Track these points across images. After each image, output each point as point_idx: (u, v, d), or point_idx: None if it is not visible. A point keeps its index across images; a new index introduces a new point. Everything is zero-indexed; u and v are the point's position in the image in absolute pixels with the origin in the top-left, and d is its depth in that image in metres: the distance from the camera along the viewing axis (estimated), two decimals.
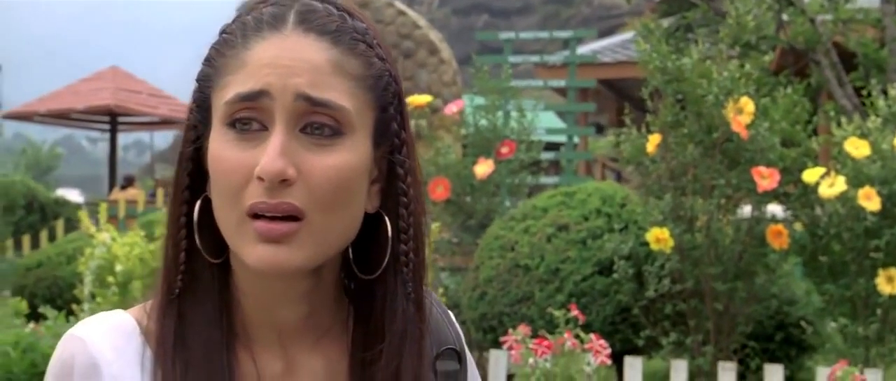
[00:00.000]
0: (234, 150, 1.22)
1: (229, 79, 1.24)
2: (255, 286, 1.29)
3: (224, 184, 1.22)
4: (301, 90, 1.21)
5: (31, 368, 3.95)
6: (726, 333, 7.20)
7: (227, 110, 1.22)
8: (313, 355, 1.34)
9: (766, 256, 7.16)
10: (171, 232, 1.32)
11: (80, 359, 1.29)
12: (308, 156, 1.21)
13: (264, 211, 1.20)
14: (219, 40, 1.29)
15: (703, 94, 6.70)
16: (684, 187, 7.04)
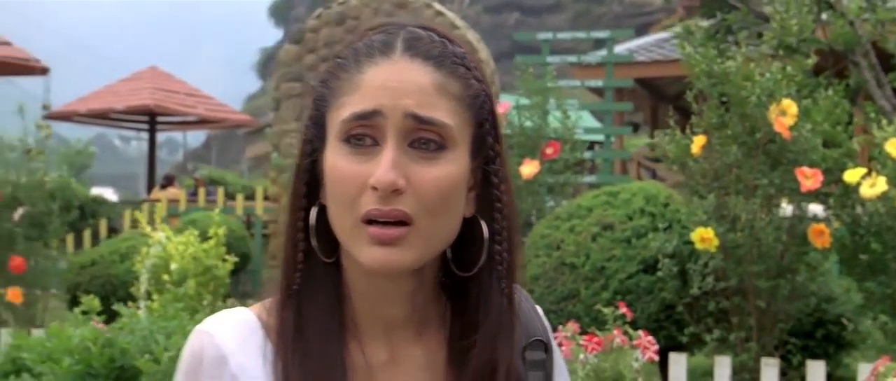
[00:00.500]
0: (349, 163, 1.39)
1: (344, 99, 1.42)
2: (364, 284, 1.47)
3: (341, 193, 1.40)
4: (410, 110, 1.39)
5: (109, 363, 4.12)
6: (769, 330, 7.34)
7: (344, 128, 1.40)
8: (415, 346, 1.51)
9: (808, 254, 7.29)
10: (289, 235, 1.50)
11: (208, 351, 1.47)
12: (416, 168, 1.38)
13: (378, 217, 1.37)
14: (332, 64, 1.47)
15: (747, 96, 6.84)
16: (727, 187, 7.19)
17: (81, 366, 4.06)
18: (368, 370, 1.47)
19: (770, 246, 7.12)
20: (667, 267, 7.37)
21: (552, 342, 1.62)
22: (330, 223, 1.45)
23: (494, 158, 1.49)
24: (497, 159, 1.49)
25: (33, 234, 8.77)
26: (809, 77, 7.49)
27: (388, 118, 1.39)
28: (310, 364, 1.44)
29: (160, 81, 23.39)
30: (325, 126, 1.45)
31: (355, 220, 1.39)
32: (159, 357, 4.00)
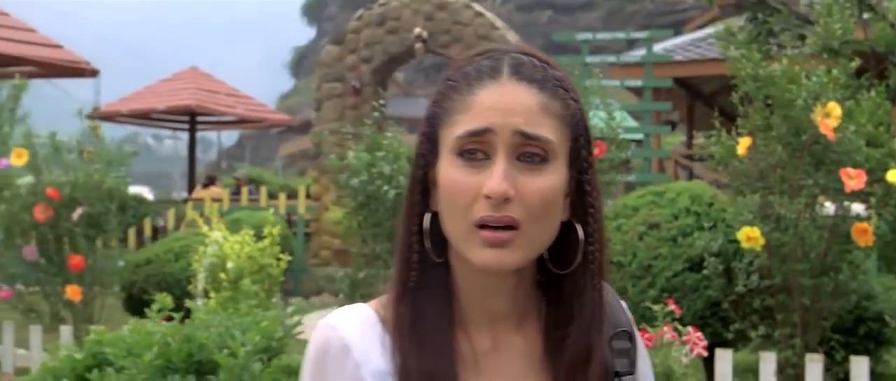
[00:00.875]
0: (463, 174, 1.57)
1: (458, 118, 1.60)
2: (472, 281, 1.65)
3: (455, 201, 1.58)
4: (518, 128, 1.56)
5: (188, 357, 4.31)
6: (812, 327, 7.48)
7: (458, 143, 1.58)
8: (515, 335, 1.68)
9: (851, 252, 7.42)
10: (404, 238, 1.68)
11: (334, 342, 1.66)
12: (523, 179, 1.56)
13: (490, 222, 1.55)
14: (444, 86, 1.65)
15: (793, 99, 6.99)
16: (772, 187, 7.32)
17: (161, 360, 4.25)
18: (474, 357, 1.65)
19: (814, 245, 7.27)
20: (712, 265, 7.52)
21: (635, 332, 1.79)
22: (442, 228, 1.63)
23: (587, 168, 1.66)
24: (589, 170, 1.67)
25: (92, 233, 8.98)
26: (852, 79, 7.60)
27: (499, 135, 1.56)
28: (424, 353, 1.62)
29: (201, 81, 23.65)
30: (437, 141, 1.63)
31: (469, 225, 1.57)
32: (236, 352, 4.19)
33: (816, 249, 7.28)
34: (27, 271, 9.15)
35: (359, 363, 1.64)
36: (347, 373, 1.64)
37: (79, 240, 8.87)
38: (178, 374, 4.14)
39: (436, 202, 1.64)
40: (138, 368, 4.15)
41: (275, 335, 4.52)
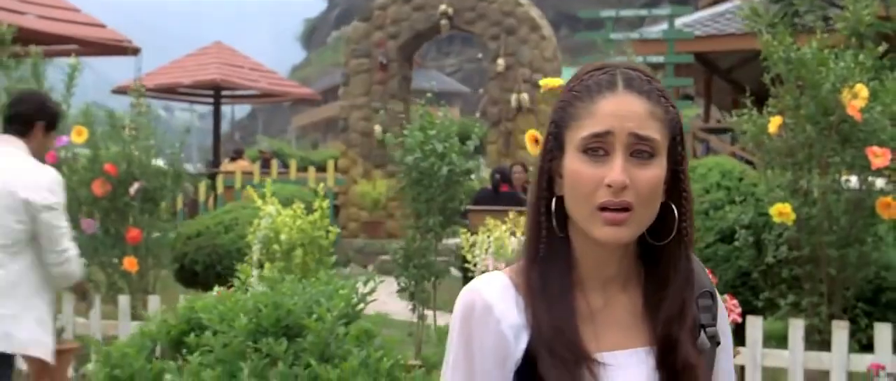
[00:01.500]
0: (588, 167, 1.97)
1: (582, 122, 1.99)
2: (589, 252, 2.05)
3: (581, 188, 1.98)
4: (632, 130, 1.96)
5: (276, 322, 4.72)
6: (838, 295, 7.89)
7: (583, 142, 1.98)
8: (622, 295, 2.09)
9: (875, 225, 7.82)
10: (533, 218, 2.09)
11: (478, 303, 2.06)
12: (635, 171, 1.96)
13: (610, 206, 1.95)
14: (569, 96, 2.05)
15: (822, 81, 7.38)
16: (801, 164, 7.73)
17: (253, 325, 4.67)
18: (591, 313, 2.05)
19: (840, 218, 7.67)
20: (743, 237, 7.94)
21: (716, 293, 2.20)
22: (566, 209, 2.03)
23: (681, 161, 2.07)
24: (683, 161, 2.08)
25: (148, 208, 9.39)
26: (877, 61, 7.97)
27: (617, 136, 1.96)
28: (552, 310, 2.02)
29: (225, 56, 24.08)
30: (563, 140, 2.03)
31: (592, 208, 1.97)
32: (323, 317, 4.60)
33: (842, 222, 7.68)
34: (85, 244, 9.55)
35: (499, 319, 2.03)
36: (490, 328, 2.04)
37: (136, 214, 9.29)
38: (269, 337, 4.54)
39: (560, 189, 2.04)
40: (235, 331, 4.55)
41: (352, 303, 4.93)
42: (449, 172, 8.00)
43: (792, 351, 7.50)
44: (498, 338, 2.02)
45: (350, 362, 4.42)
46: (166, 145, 9.91)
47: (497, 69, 17.33)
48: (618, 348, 2.04)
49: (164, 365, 4.68)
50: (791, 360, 7.49)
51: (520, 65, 17.22)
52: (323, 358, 4.50)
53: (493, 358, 2.02)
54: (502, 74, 17.26)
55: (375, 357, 4.53)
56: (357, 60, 18.25)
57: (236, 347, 4.51)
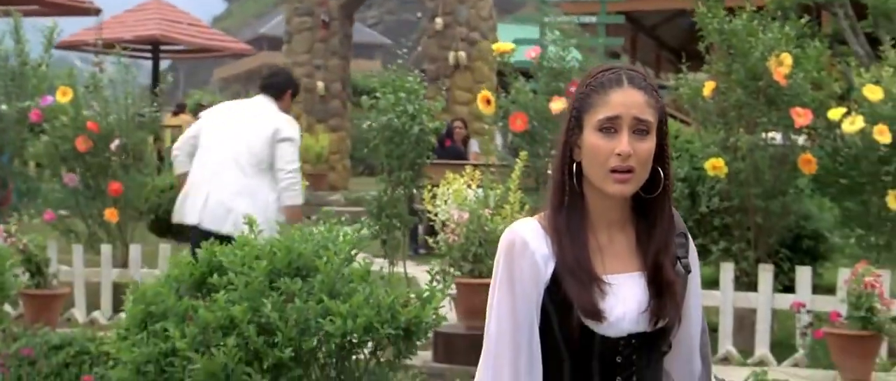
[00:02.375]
0: (602, 141, 2.71)
1: (598, 109, 2.71)
2: (598, 203, 2.79)
3: (597, 157, 2.72)
4: (635, 115, 2.70)
5: (289, 265, 5.42)
6: (764, 242, 8.79)
7: (598, 123, 2.72)
8: (621, 235, 2.82)
9: (797, 179, 8.72)
10: (558, 179, 2.83)
11: (517, 241, 2.81)
12: (636, 144, 2.70)
13: (619, 169, 2.70)
14: (587, 88, 2.77)
15: (751, 50, 8.24)
16: (732, 123, 8.60)
17: (270, 267, 5.40)
18: (599, 247, 2.78)
19: (765, 172, 8.56)
20: (679, 190, 8.82)
21: (688, 234, 2.98)
22: (584, 172, 2.78)
23: (665, 136, 2.84)
24: (666, 137, 2.84)
25: (128, 162, 10.03)
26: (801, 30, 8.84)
27: (624, 119, 2.71)
28: (572, 245, 2.76)
29: (164, 11, 24.43)
30: (582, 121, 2.77)
31: (605, 171, 2.71)
32: (330, 259, 5.34)
33: (767, 176, 8.57)
34: (67, 197, 10.19)
35: (534, 251, 2.76)
36: (527, 257, 2.77)
37: (116, 169, 9.94)
38: (285, 277, 5.27)
39: (578, 155, 2.80)
40: (256, 273, 5.28)
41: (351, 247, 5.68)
42: (419, 131, 8.78)
43: (723, 292, 8.44)
44: (532, 265, 2.74)
45: (356, 297, 5.16)
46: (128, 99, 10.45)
47: (435, 28, 18.00)
48: (619, 271, 2.77)
49: (193, 302, 5.39)
50: (722, 299, 8.43)
51: (457, 24, 17.91)
52: (331, 295, 5.22)
53: (529, 280, 2.74)
54: (440, 32, 17.93)
55: (377, 293, 5.29)
56: (299, 19, 18.87)
57: (257, 286, 5.22)
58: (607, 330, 2.68)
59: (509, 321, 2.72)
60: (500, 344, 2.73)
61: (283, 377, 5.15)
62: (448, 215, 7.98)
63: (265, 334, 5.10)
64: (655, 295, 2.74)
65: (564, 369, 2.72)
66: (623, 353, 2.72)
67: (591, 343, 2.70)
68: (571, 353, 2.71)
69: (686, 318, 2.84)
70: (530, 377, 2.71)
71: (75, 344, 8.37)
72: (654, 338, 2.77)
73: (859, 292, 7.06)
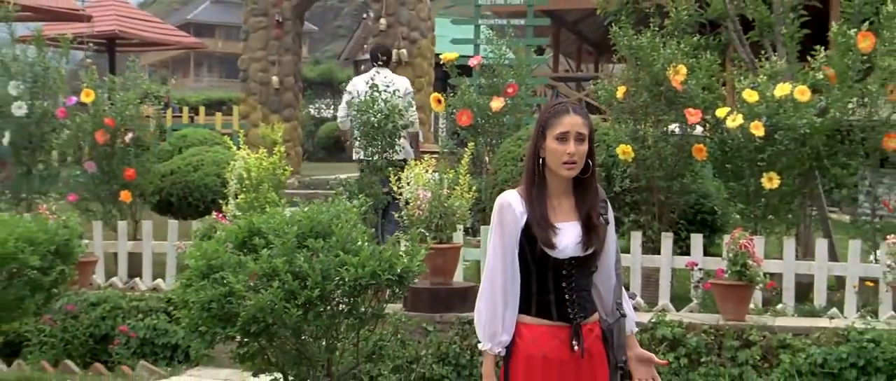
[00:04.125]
0: (558, 146, 4.60)
1: (556, 127, 4.60)
2: (554, 181, 4.69)
3: (555, 155, 4.62)
4: (577, 131, 4.61)
5: (311, 229, 7.32)
6: (666, 215, 10.86)
7: (556, 136, 4.61)
8: (566, 200, 4.70)
9: (692, 164, 10.79)
10: (530, 166, 4.78)
11: (505, 203, 4.67)
12: (578, 147, 4.58)
13: (568, 161, 4.60)
14: (548, 114, 4.70)
15: (654, 61, 10.31)
16: (639, 119, 10.67)
17: (298, 230, 7.31)
18: (553, 207, 4.66)
19: (667, 158, 10.62)
20: (598, 173, 10.82)
21: (607, 201, 4.95)
22: (546, 163, 4.66)
23: (593, 141, 4.78)
24: (593, 142, 4.80)
25: (138, 152, 11.89)
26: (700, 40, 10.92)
27: (571, 133, 4.59)
28: (537, 206, 4.65)
29: (120, 9, 26.07)
30: (545, 133, 4.67)
31: (560, 163, 4.57)
32: (344, 225, 7.28)
33: (669, 161, 10.64)
34: (87, 181, 12.01)
35: (514, 209, 4.63)
36: (511, 212, 4.61)
37: (130, 157, 11.80)
38: (310, 238, 7.19)
39: (542, 153, 4.66)
40: (288, 235, 7.19)
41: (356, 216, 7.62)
42: (392, 127, 10.79)
43: (633, 255, 10.42)
44: (514, 217, 4.59)
45: (363, 252, 7.08)
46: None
47: (380, 28, 19.75)
48: (564, 221, 4.61)
49: (242, 258, 7.28)
50: (632, 261, 10.40)
51: (399, 24, 19.67)
52: (345, 251, 7.14)
53: (512, 225, 4.59)
54: (384, 31, 19.67)
55: (379, 249, 7.23)
56: (256, 18, 20.60)
57: (290, 245, 7.11)
58: (558, 254, 4.53)
59: (500, 250, 4.56)
60: (494, 263, 4.53)
61: (311, 311, 6.99)
62: (413, 194, 9.88)
63: (298, 279, 6.90)
64: (586, 234, 4.58)
65: (532, 277, 4.56)
66: (567, 268, 4.56)
67: (548, 262, 4.54)
68: (536, 267, 4.56)
69: (606, 251, 4.71)
70: (513, 283, 4.53)
71: (110, 301, 10.25)
72: (586, 260, 4.61)
73: (736, 251, 9.11)
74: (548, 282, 4.55)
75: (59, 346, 10.04)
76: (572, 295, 4.54)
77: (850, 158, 10.35)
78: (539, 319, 4.54)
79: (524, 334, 4.52)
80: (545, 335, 4.52)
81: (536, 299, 4.56)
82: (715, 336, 9.02)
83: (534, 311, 4.55)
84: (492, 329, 4.51)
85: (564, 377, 4.51)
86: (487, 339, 4.53)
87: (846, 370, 8.59)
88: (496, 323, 4.51)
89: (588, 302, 4.64)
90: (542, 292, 4.55)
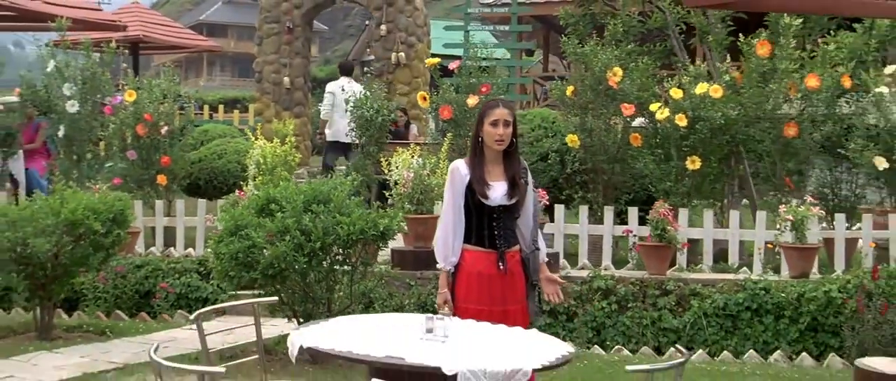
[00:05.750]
0: (492, 129, 6.68)
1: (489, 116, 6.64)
2: (490, 153, 6.72)
3: (490, 135, 6.71)
4: (504, 118, 6.68)
5: (314, 198, 9.57)
6: (610, 193, 13.10)
7: (490, 122, 6.73)
8: (497, 167, 6.67)
9: (630, 149, 13.03)
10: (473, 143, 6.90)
11: (455, 167, 6.71)
12: (505, 131, 6.66)
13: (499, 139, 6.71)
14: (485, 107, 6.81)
15: (596, 65, 12.57)
16: (586, 113, 12.93)
17: (304, 198, 9.52)
18: (488, 171, 6.68)
19: (609, 145, 12.87)
20: (553, 157, 13.13)
21: (528, 168, 7.10)
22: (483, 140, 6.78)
23: (516, 125, 6.94)
24: (517, 125, 6.99)
25: (173, 142, 14.18)
26: (636, 48, 13.17)
27: (500, 120, 6.64)
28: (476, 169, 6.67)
29: (144, 15, 28.29)
30: (483, 120, 6.78)
31: (493, 140, 6.59)
32: (340, 194, 9.50)
33: (610, 148, 12.88)
34: (128, 167, 14.28)
35: (461, 171, 6.68)
36: (459, 173, 6.59)
37: (166, 146, 14.08)
38: (314, 204, 9.39)
39: (481, 134, 6.73)
40: (296, 202, 9.40)
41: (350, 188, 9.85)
42: (382, 121, 13.12)
43: (581, 225, 12.63)
44: (461, 177, 6.58)
45: (354, 214, 9.28)
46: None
47: (381, 33, 21.89)
48: (495, 180, 6.60)
49: (261, 220, 9.50)
50: (581, 230, 12.63)
51: (398, 30, 21.81)
52: (341, 213, 9.32)
53: (459, 183, 6.59)
54: (385, 36, 21.81)
55: (369, 213, 9.43)
56: (269, 25, 22.82)
57: (298, 208, 9.32)
58: (490, 203, 6.45)
59: (451, 199, 6.57)
60: (447, 209, 6.55)
61: (314, 259, 9.16)
62: (400, 175, 12.12)
63: (304, 235, 9.07)
64: (510, 190, 6.53)
65: (473, 218, 6.49)
66: (497, 213, 6.48)
67: (484, 208, 6.47)
68: (476, 212, 6.46)
69: (526, 204, 6.66)
70: (459, 222, 6.50)
71: (152, 264, 12.48)
72: (511, 208, 6.56)
73: (657, 219, 11.34)
74: (483, 222, 6.39)
75: (111, 300, 12.24)
76: (500, 231, 6.50)
77: (758, 145, 12.54)
78: (476, 247, 6.38)
79: (466, 257, 6.49)
80: (480, 257, 6.37)
81: (475, 233, 6.38)
82: (640, 287, 11.23)
83: (473, 241, 6.38)
84: (444, 253, 6.50)
85: (493, 288, 6.45)
86: (442, 260, 6.52)
87: (743, 312, 10.81)
88: (447, 249, 6.48)
89: (512, 237, 6.58)
90: (479, 228, 6.38)
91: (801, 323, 10.64)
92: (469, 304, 6.37)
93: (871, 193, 13.39)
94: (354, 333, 5.50)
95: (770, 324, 10.75)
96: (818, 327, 10.62)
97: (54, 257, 9.88)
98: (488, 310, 6.29)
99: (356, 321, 6.13)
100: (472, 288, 6.39)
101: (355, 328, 5.72)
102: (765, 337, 10.75)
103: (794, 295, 10.70)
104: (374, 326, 5.87)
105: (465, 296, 6.41)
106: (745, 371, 9.70)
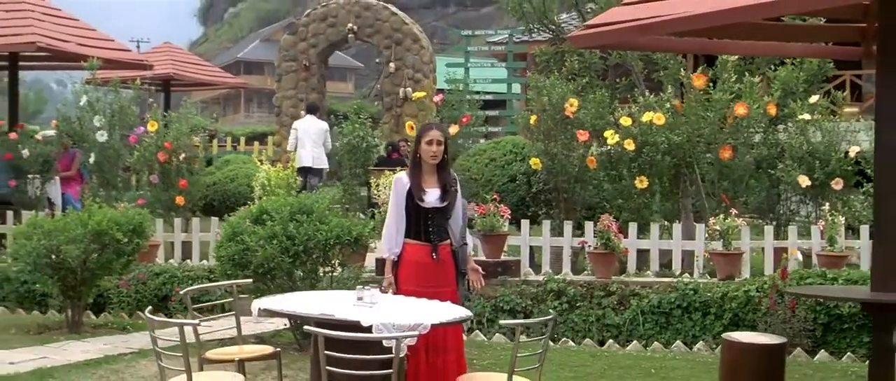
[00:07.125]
0: (427, 147, 8.39)
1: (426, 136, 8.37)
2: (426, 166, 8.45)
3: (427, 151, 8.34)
4: (437, 138, 8.46)
5: (300, 209, 11.40)
6: (571, 210, 14.81)
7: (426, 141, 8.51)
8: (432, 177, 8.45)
9: (588, 171, 14.76)
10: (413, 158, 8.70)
11: (397, 179, 8.56)
12: (438, 148, 8.25)
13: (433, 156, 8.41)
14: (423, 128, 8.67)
15: (555, 97, 14.37)
16: (549, 139, 14.70)
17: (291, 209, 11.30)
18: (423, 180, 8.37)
19: (569, 168, 14.62)
20: (521, 179, 14.89)
21: (457, 179, 8.87)
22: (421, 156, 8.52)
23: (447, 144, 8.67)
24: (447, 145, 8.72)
25: (191, 168, 16.03)
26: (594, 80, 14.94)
27: (434, 140, 8.37)
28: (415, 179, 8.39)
29: (174, 54, 30.23)
30: (420, 140, 8.54)
31: (429, 156, 8.25)
32: (321, 205, 11.27)
33: (570, 169, 14.62)
34: (152, 189, 16.16)
35: (404, 181, 8.43)
36: (401, 183, 8.33)
37: (184, 171, 15.95)
38: (299, 214, 11.16)
39: (419, 151, 8.48)
40: (285, 212, 11.18)
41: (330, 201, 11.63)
42: (366, 148, 14.98)
43: (544, 237, 14.25)
44: (403, 185, 8.28)
45: (333, 222, 11.02)
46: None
47: (390, 70, 23.72)
48: (431, 187, 8.26)
49: (254, 227, 11.26)
50: (544, 242, 14.26)
51: (405, 67, 23.62)
52: (321, 222, 11.04)
53: (402, 191, 8.24)
54: (393, 73, 23.64)
55: (345, 222, 11.19)
56: (287, 63, 24.73)
57: (286, 217, 11.05)
58: (426, 205, 8.05)
59: (394, 203, 8.23)
60: (391, 210, 8.18)
61: (298, 260, 10.90)
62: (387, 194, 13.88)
63: (290, 240, 10.81)
64: (442, 194, 8.22)
65: (412, 218, 8.15)
66: (431, 213, 8.13)
67: (421, 209, 8.09)
68: (415, 212, 8.03)
69: (455, 207, 8.36)
70: (401, 221, 8.13)
71: (168, 271, 14.28)
72: (443, 210, 8.21)
73: (602, 230, 13.06)
74: (420, 221, 7.89)
75: (133, 302, 14.02)
76: (434, 228, 8.12)
77: (698, 167, 14.27)
78: (415, 240, 7.89)
79: (407, 249, 8.11)
80: (418, 249, 7.95)
81: (414, 230, 7.87)
82: (587, 289, 12.90)
83: (412, 236, 7.87)
84: (389, 245, 8.11)
85: (428, 273, 8.03)
86: (387, 251, 8.14)
87: (674, 310, 12.47)
88: (392, 242, 8.08)
89: (444, 233, 8.20)
90: (417, 226, 7.87)
91: (724, 319, 12.19)
92: (408, 286, 7.87)
93: (805, 208, 15.07)
94: (302, 300, 7.24)
95: (698, 320, 12.32)
96: (739, 322, 12.16)
97: (83, 263, 11.65)
98: (424, 291, 7.72)
99: (306, 294, 7.89)
100: (411, 273, 7.93)
101: (304, 298, 7.48)
102: (693, 331, 12.33)
103: (718, 294, 12.29)
104: (318, 297, 7.60)
105: (406, 279, 7.96)
106: (667, 357, 11.36)
